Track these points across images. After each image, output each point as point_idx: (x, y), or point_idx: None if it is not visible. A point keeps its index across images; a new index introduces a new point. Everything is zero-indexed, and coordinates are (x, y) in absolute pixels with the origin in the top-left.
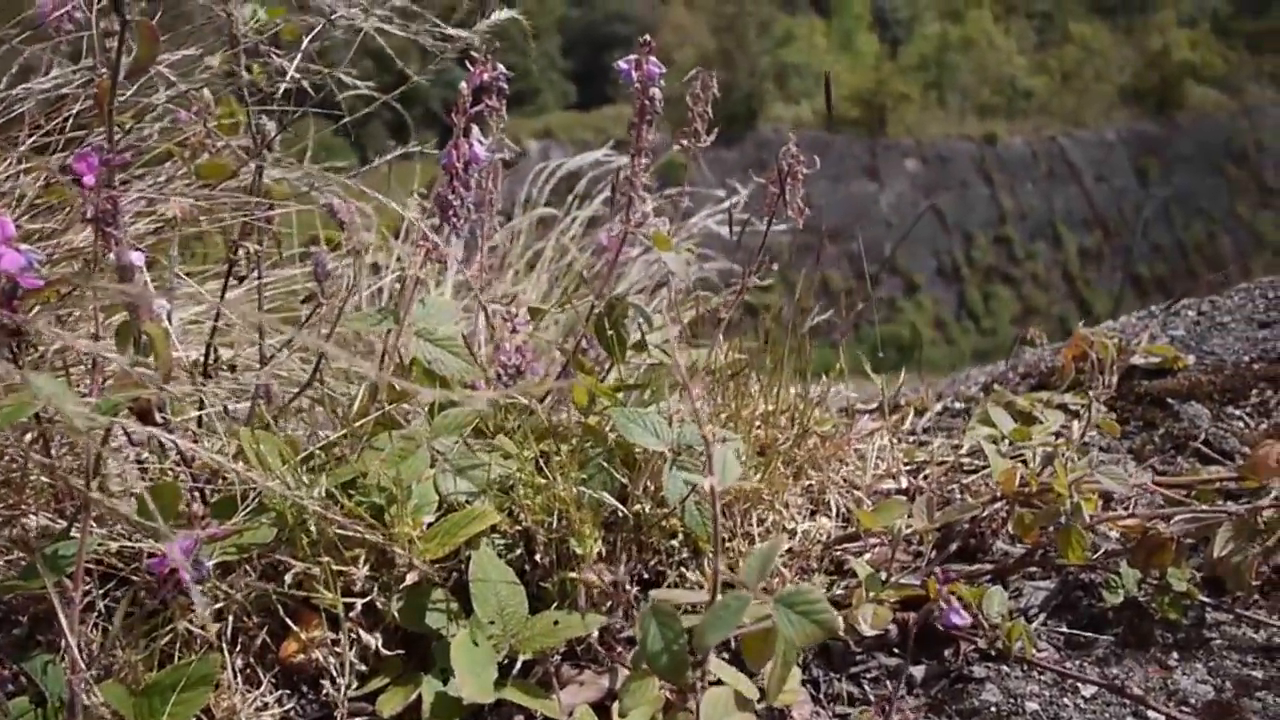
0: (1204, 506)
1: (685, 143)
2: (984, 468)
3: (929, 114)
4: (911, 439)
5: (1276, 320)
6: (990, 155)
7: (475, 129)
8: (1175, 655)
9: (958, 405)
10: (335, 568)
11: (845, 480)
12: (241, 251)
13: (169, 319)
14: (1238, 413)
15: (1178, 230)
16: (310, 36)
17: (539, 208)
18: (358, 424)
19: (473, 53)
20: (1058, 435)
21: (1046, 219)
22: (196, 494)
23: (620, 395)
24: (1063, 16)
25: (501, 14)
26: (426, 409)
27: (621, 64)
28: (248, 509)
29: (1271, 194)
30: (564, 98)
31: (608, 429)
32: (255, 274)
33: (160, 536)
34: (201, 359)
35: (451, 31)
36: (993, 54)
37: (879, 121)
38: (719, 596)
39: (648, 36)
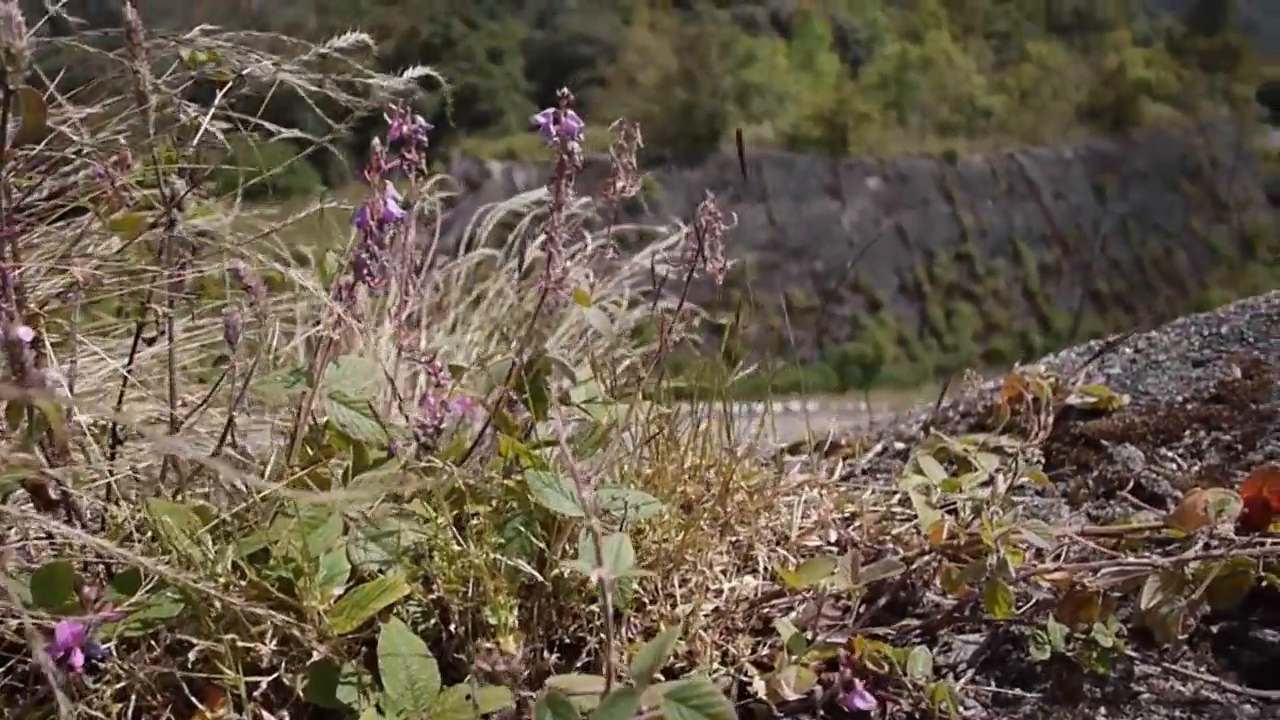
0: (1132, 559)
1: (608, 194)
2: (916, 517)
3: (890, 132)
4: (849, 483)
5: (1210, 359)
6: (950, 173)
7: (389, 186)
8: (1103, 710)
9: (898, 445)
10: (241, 644)
11: (774, 533)
12: (152, 312)
13: (69, 388)
14: (1171, 454)
15: (1135, 246)
16: (223, 93)
17: (479, 249)
18: (270, 490)
19: (390, 105)
20: (989, 482)
21: (1006, 236)
22: (102, 568)
23: (542, 454)
24: (1020, 36)
25: (417, 70)
26: (342, 473)
27: (539, 118)
28: (153, 582)
29: (1226, 209)
30: (527, 119)
31: (528, 490)
32: (166, 334)
33: (47, 623)
34: (111, 425)
35: (372, 82)
36: (952, 73)
37: (841, 140)
38: (613, 687)
39: (566, 90)
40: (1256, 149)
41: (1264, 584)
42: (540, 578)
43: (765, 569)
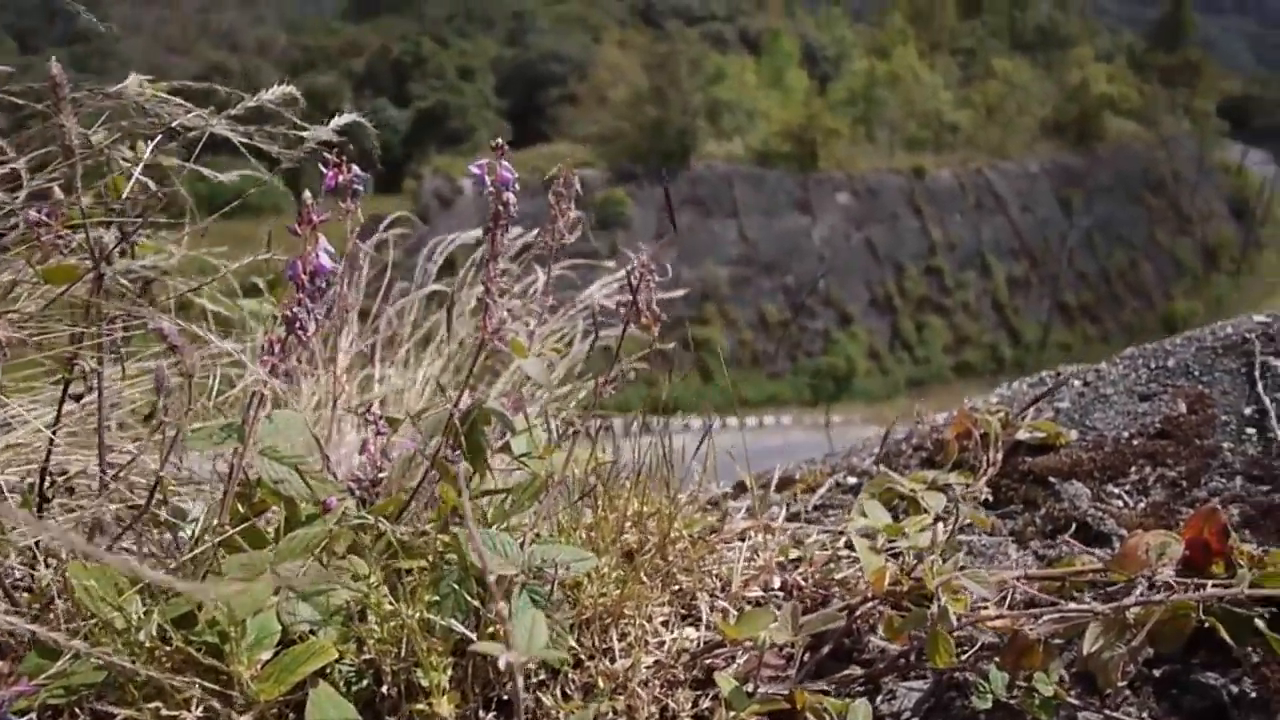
0: (1073, 605)
1: (547, 240)
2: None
3: (859, 148)
4: (798, 522)
5: (1157, 393)
6: (919, 188)
7: (322, 239)
8: None
9: (850, 479)
10: (166, 713)
11: (718, 580)
12: (79, 366)
13: None
14: (1117, 491)
15: (1101, 258)
16: (151, 146)
17: (431, 283)
18: (201, 549)
19: (325, 154)
20: (938, 520)
21: (975, 249)
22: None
23: (481, 506)
24: (985, 53)
25: (349, 116)
26: (274, 530)
27: (473, 169)
28: (74, 650)
29: (1189, 221)
30: (499, 136)
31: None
32: (96, 388)
33: None
34: (36, 483)
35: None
36: (919, 89)
37: (810, 156)
38: None
39: (500, 140)
40: (1217, 162)
41: (1205, 626)
42: (474, 637)
43: (707, 620)
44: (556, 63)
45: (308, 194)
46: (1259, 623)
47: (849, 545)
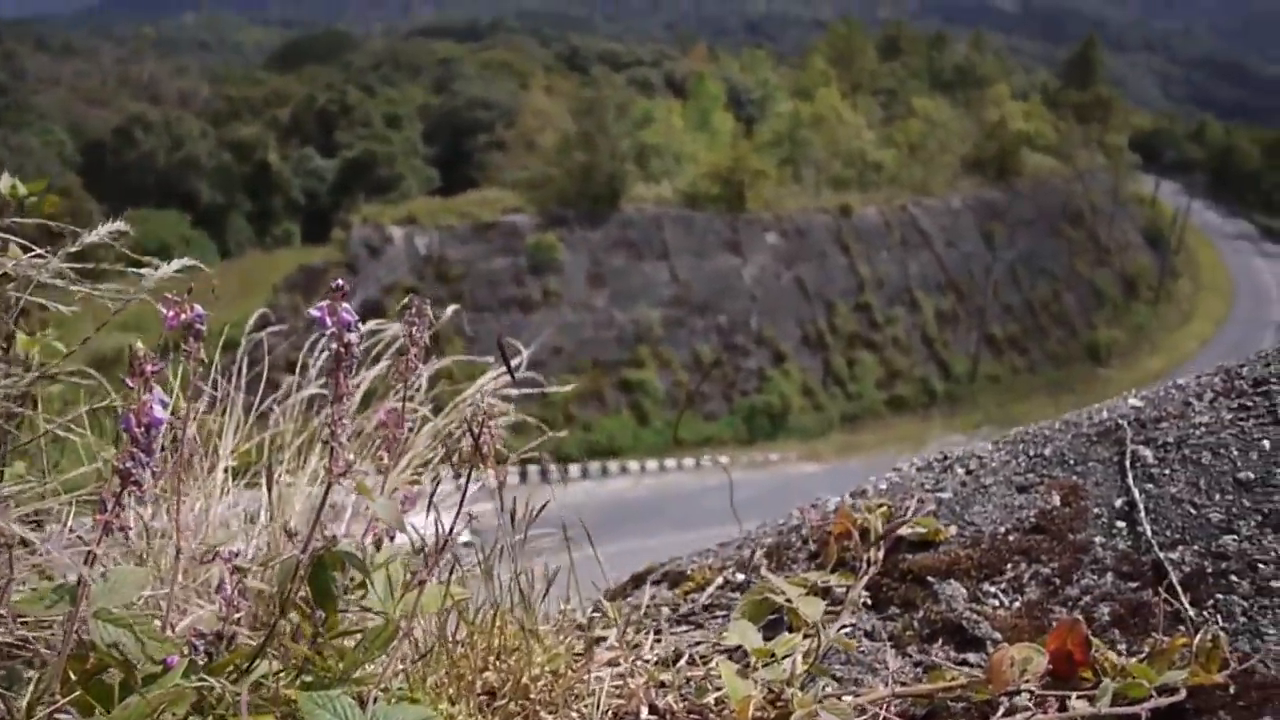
0: None
1: (400, 368)
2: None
3: (786, 188)
4: (685, 625)
5: (1034, 484)
6: (846, 226)
7: (157, 388)
8: None
9: (739, 576)
10: None
11: (583, 715)
12: None
13: None
14: (993, 590)
15: (1025, 290)
16: None
17: (313, 384)
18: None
19: (166, 294)
20: (809, 637)
21: (903, 285)
22: None
23: (330, 656)
24: (906, 92)
25: (182, 262)
26: (110, 694)
27: (313, 311)
28: None
29: (1108, 252)
30: (427, 183)
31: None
32: None
33: None
34: None
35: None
36: (843, 129)
37: (738, 197)
38: None
39: (340, 281)
40: (1131, 195)
41: None
42: None
43: None
44: (484, 109)
45: (139, 344)
46: None
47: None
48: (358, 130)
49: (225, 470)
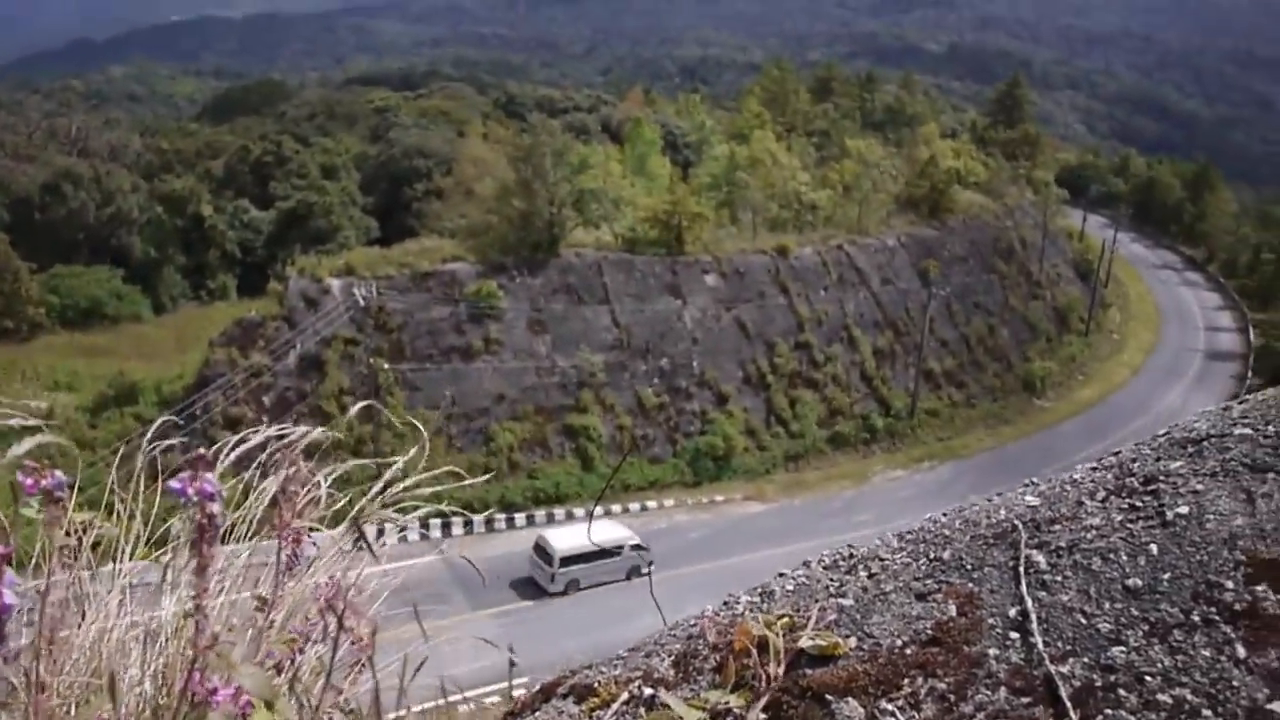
0: None
1: (282, 531)
2: None
3: (724, 230)
4: None
5: (931, 591)
6: (784, 266)
7: (9, 573)
8: None
9: (646, 690)
10: None
11: None
12: None
13: None
14: (891, 707)
15: (960, 325)
16: None
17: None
18: None
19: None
20: None
21: (841, 323)
22: None
23: None
24: (839, 133)
25: (27, 445)
26: None
27: (174, 484)
28: None
29: (1039, 285)
30: (365, 233)
31: None
32: None
33: None
34: None
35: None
36: (778, 171)
37: (677, 240)
38: None
39: (203, 450)
40: (1060, 228)
41: None
42: None
43: None
44: (421, 157)
45: None
46: None
47: None
48: (293, 181)
49: (124, 588)
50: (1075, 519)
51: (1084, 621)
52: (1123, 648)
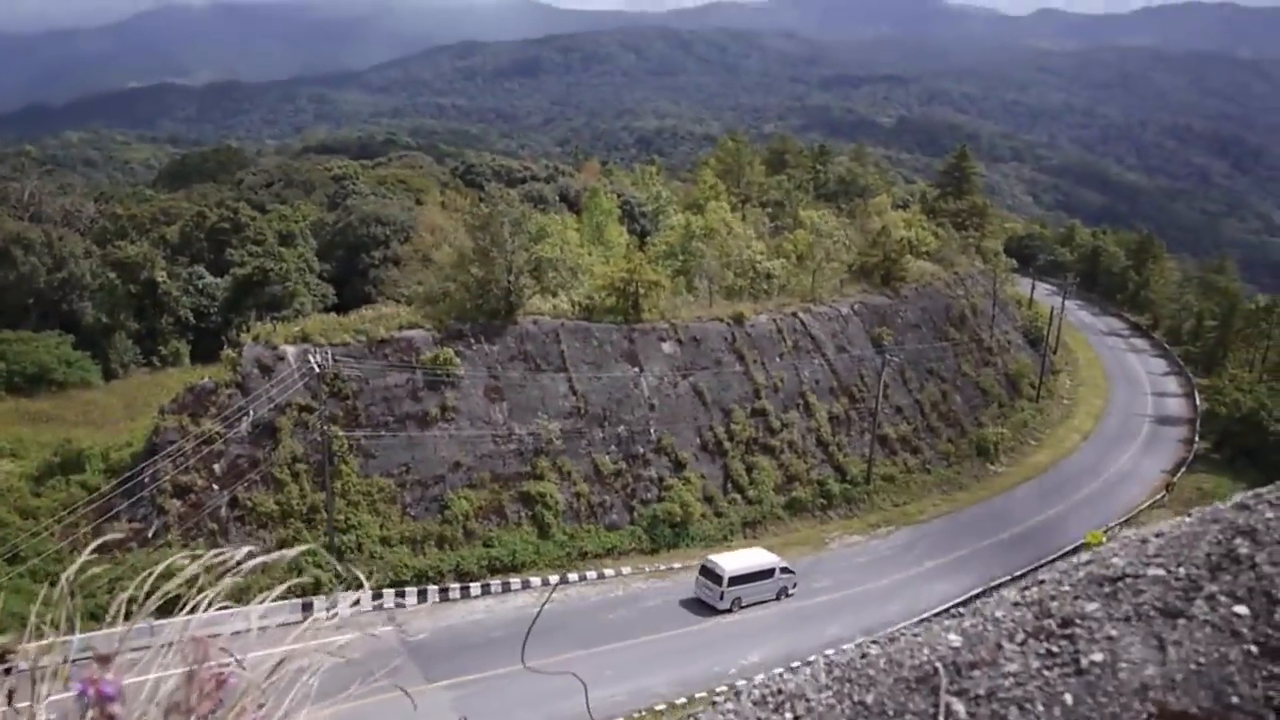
0: None
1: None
2: None
3: (680, 298)
4: None
5: None
6: (739, 333)
7: None
8: None
9: None
10: None
11: None
12: None
13: None
14: None
15: (914, 391)
16: None
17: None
18: None
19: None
20: None
21: (796, 390)
22: None
23: None
24: (793, 204)
25: None
26: None
27: (77, 685)
28: None
29: (990, 352)
30: (322, 300)
31: None
32: None
33: None
34: None
35: None
36: (733, 240)
37: (634, 308)
38: None
39: (104, 651)
40: (1010, 296)
41: None
42: None
43: None
44: (379, 225)
45: None
46: None
47: None
48: (249, 247)
49: None
50: (994, 664)
51: None
52: None
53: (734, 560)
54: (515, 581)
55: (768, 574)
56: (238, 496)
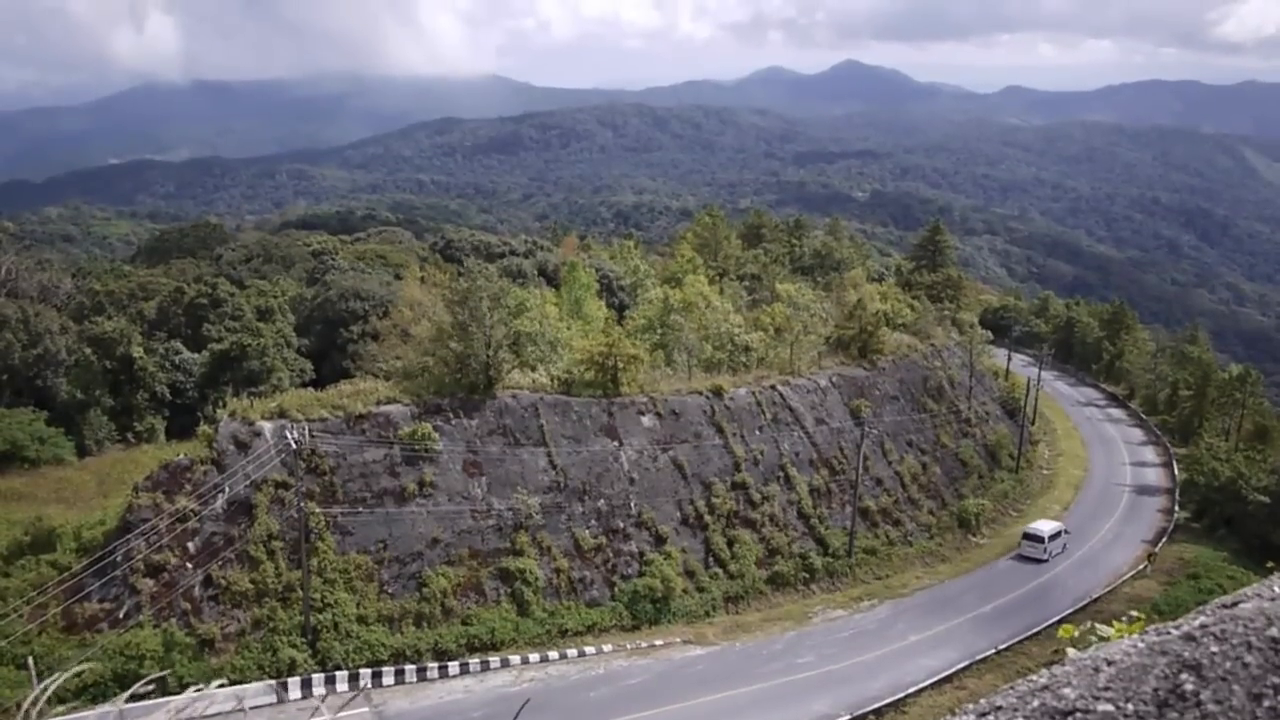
0: None
1: None
2: None
3: (659, 371)
4: None
5: None
6: (719, 406)
7: None
8: None
9: None
10: None
11: None
12: None
13: None
14: None
15: (894, 463)
16: None
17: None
18: None
19: None
20: None
21: (776, 462)
22: None
23: None
24: (769, 277)
25: None
26: None
27: None
28: None
29: (968, 423)
30: (300, 375)
31: None
32: None
33: None
34: None
35: None
36: (711, 313)
37: (613, 381)
38: None
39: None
40: (986, 367)
41: None
42: None
43: None
44: (357, 300)
45: None
46: None
47: None
48: (227, 323)
49: None
50: None
51: None
52: None
53: (1044, 526)
54: (494, 660)
55: (1061, 534)
56: (212, 575)
